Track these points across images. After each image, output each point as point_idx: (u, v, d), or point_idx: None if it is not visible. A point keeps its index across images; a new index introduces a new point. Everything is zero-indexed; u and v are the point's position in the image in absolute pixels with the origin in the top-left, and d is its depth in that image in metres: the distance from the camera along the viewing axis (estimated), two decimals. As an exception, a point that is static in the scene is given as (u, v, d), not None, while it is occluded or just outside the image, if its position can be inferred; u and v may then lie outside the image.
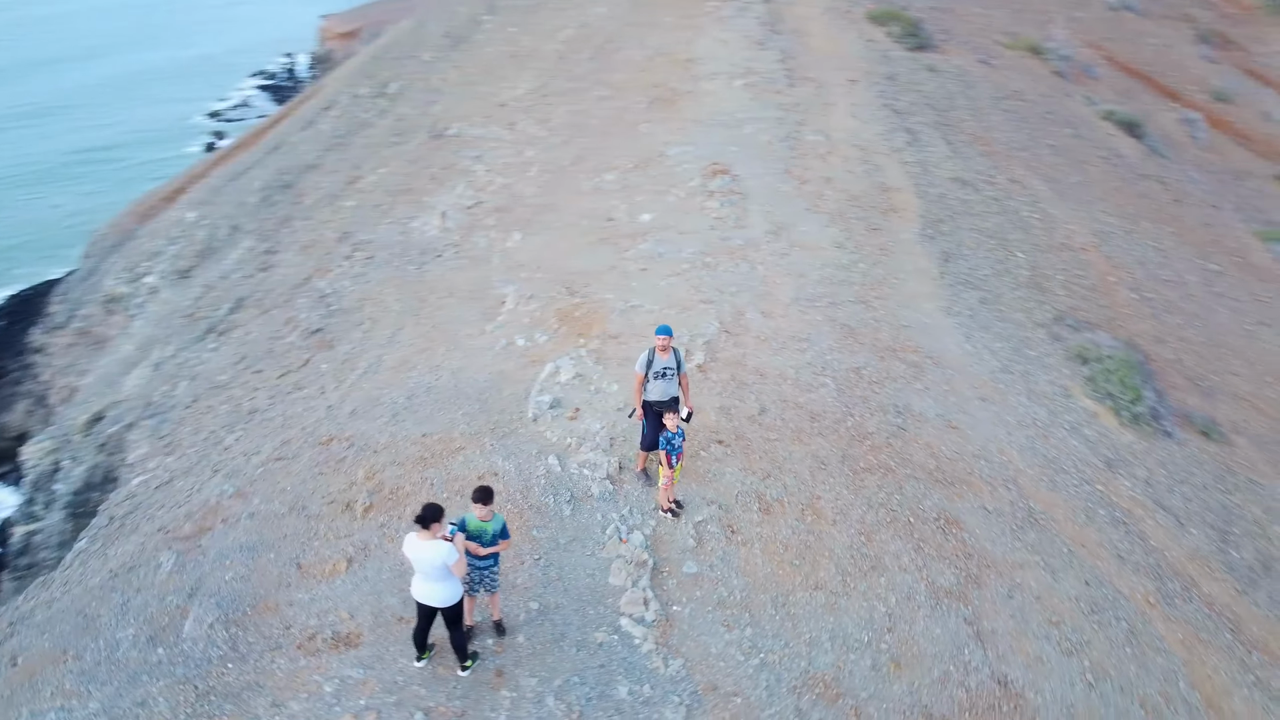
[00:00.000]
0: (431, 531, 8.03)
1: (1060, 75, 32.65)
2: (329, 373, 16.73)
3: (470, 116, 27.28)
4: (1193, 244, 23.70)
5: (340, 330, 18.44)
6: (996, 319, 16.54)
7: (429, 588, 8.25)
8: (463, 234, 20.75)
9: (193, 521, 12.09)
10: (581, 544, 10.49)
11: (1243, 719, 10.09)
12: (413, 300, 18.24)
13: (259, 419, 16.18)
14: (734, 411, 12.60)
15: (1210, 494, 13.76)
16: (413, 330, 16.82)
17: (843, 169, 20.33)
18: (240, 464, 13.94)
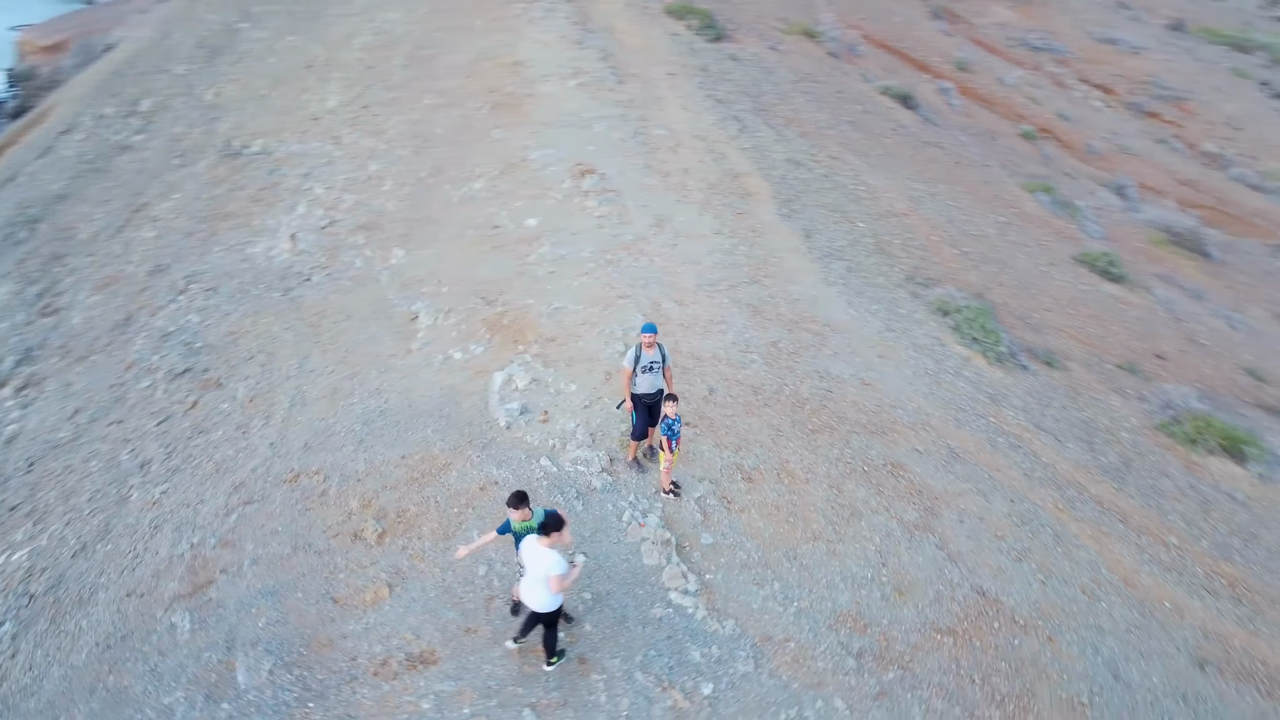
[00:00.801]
0: (551, 540, 8.64)
1: (834, 55, 35.69)
2: (236, 411, 16.34)
3: (276, 132, 26.62)
4: (980, 200, 26.97)
5: (222, 367, 17.92)
6: (865, 285, 18.51)
7: (531, 590, 8.86)
8: (328, 255, 20.53)
9: (180, 579, 11.83)
10: (605, 533, 11.29)
11: (1152, 590, 12.36)
12: (304, 328, 18.02)
13: (170, 469, 15.63)
14: (688, 395, 13.68)
15: (1069, 412, 16.28)
16: (323, 357, 16.71)
17: (694, 160, 21.75)
18: (189, 515, 13.59)
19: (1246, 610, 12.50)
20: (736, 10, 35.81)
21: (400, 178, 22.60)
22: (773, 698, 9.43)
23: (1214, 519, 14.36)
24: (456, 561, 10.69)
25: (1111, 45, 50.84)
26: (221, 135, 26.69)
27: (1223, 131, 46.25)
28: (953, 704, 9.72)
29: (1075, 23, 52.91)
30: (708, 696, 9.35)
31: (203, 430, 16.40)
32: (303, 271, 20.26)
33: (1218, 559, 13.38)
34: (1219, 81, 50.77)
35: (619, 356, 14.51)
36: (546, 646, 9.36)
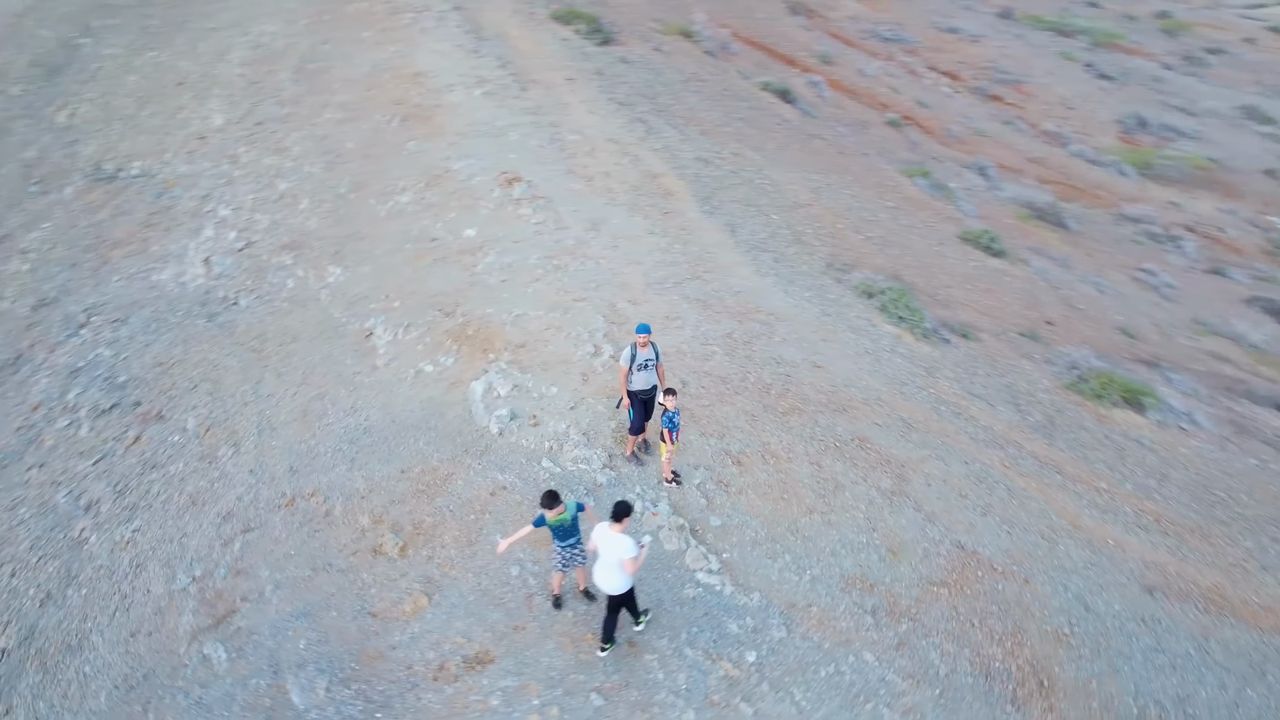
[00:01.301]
0: (622, 525, 9.24)
1: (711, 54, 36.95)
2: (192, 443, 16.14)
3: (156, 153, 25.89)
4: (869, 188, 28.68)
5: (159, 399, 17.58)
6: (793, 274, 19.66)
7: (607, 575, 9.45)
8: (252, 277, 20.30)
9: (194, 613, 11.82)
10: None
11: (1095, 530, 13.87)
12: (246, 353, 17.87)
13: (129, 506, 15.35)
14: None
15: (993, 379, 17.84)
16: (279, 381, 16.66)
17: (611, 163, 22.46)
18: (175, 550, 13.49)
19: (1173, 541, 14.17)
20: (614, 13, 36.60)
21: (317, 195, 22.41)
22: (810, 658, 10.32)
23: (1130, 464, 16.09)
24: (496, 557, 11.13)
25: (954, 34, 54.15)
26: (88, 159, 25.65)
27: (1059, 111, 50.02)
28: (961, 646, 10.83)
29: (919, 14, 56.06)
30: (753, 663, 10.15)
31: (156, 464, 16.08)
32: (227, 296, 19.95)
33: (1142, 498, 15.06)
34: (1050, 65, 54.82)
35: (590, 357, 15.13)
36: (606, 629, 9.96)
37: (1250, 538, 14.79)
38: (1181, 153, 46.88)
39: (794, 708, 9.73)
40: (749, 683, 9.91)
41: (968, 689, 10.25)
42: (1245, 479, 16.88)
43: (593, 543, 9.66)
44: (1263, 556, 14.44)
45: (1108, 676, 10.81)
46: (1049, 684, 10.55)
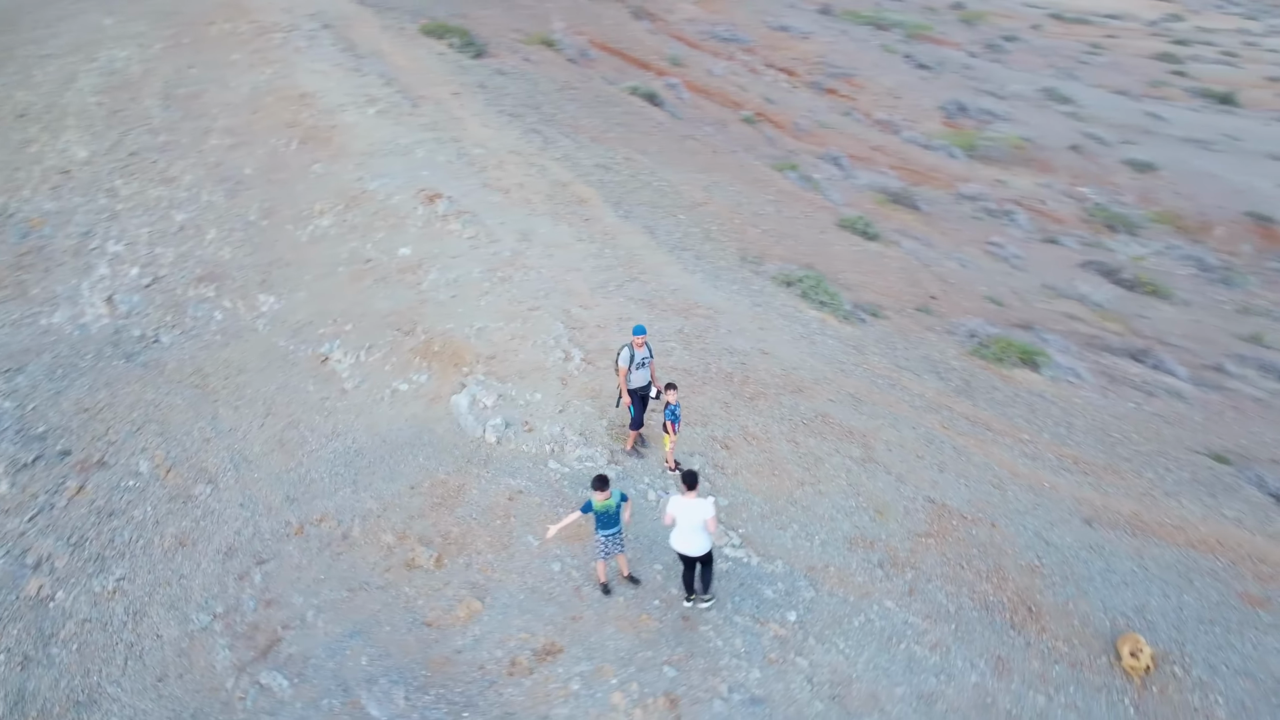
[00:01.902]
0: (696, 491, 10.11)
1: (574, 62, 37.88)
2: (154, 485, 15.89)
3: (11, 190, 24.79)
4: (749, 183, 30.33)
5: (95, 446, 17.14)
6: (716, 269, 20.90)
7: (689, 539, 10.31)
8: (171, 313, 19.93)
9: (231, 649, 11.89)
10: (642, 513, 12.79)
11: (1031, 476, 15.69)
12: (189, 390, 17.63)
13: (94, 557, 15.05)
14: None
15: (911, 351, 19.60)
16: (238, 414, 16.56)
17: (521, 174, 23.09)
18: (177, 592, 13.42)
19: (1092, 479, 16.19)
20: (477, 25, 36.95)
21: (225, 224, 22.03)
22: (841, 611, 11.49)
23: (1041, 416, 18.13)
24: (535, 557, 11.76)
25: (785, 32, 57.01)
26: (-70, 199, 24.19)
27: (888, 101, 53.57)
28: (959, 586, 12.27)
29: (751, 14, 58.69)
30: (795, 621, 11.23)
31: (115, 512, 15.72)
32: (144, 334, 19.51)
33: (1059, 445, 17.06)
34: (875, 58, 58.52)
35: (563, 362, 15.86)
36: (706, 583, 10.83)
37: (1149, 470, 17.02)
38: (1000, 134, 51.10)
39: (841, 656, 10.88)
40: (797, 639, 10.99)
41: (975, 621, 11.67)
42: (1130, 420, 19.27)
43: (669, 515, 10.49)
44: (1163, 485, 16.67)
45: (1079, 598, 12.48)
46: (1035, 609, 12.11)
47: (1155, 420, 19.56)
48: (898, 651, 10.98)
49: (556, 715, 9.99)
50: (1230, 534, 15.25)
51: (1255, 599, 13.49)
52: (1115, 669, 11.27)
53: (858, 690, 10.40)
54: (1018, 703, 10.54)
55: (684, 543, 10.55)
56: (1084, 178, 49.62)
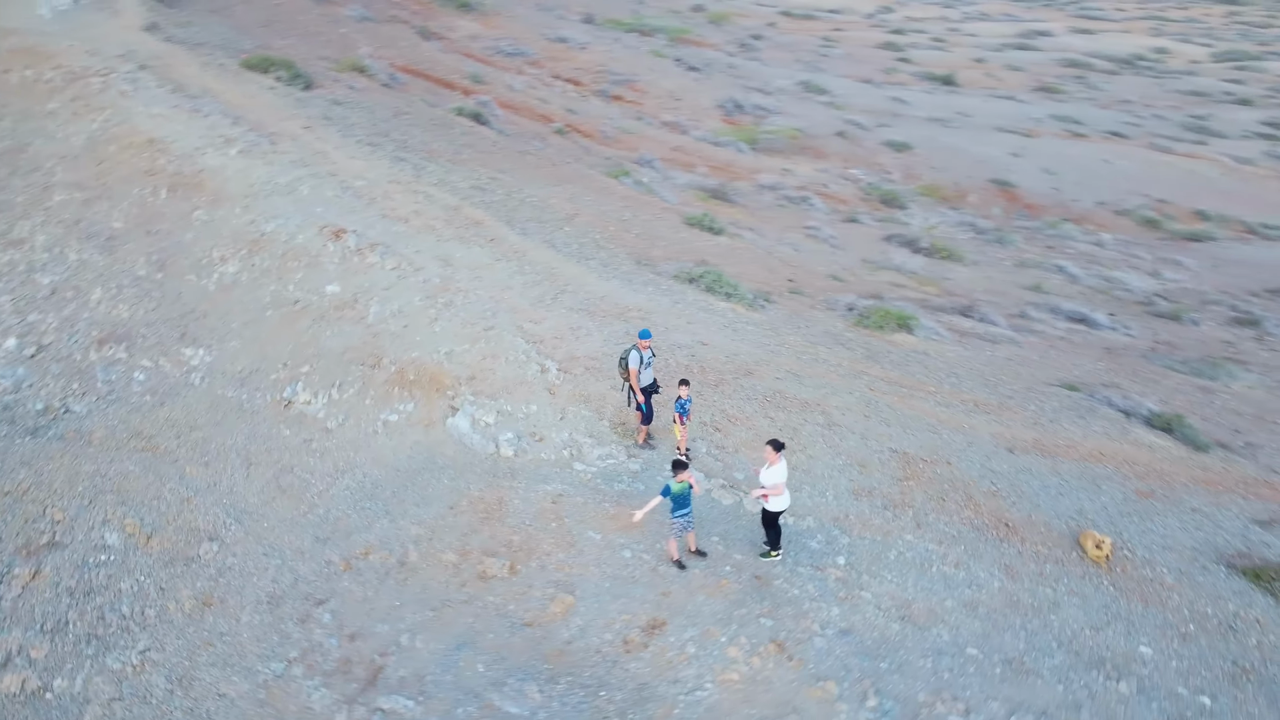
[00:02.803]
0: (780, 455, 11.63)
1: (389, 87, 38.01)
2: (134, 554, 15.57)
3: None
4: (597, 192, 31.95)
5: (32, 529, 16.49)
6: (624, 273, 22.40)
7: (786, 495, 11.87)
8: (77, 380, 19.14)
9: (330, 687, 12.20)
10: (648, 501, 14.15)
11: (952, 419, 18.32)
12: (136, 455, 17.15)
13: (88, 636, 14.71)
14: (617, 386, 16.66)
15: (812, 328, 21.93)
16: (210, 470, 16.38)
17: (411, 203, 23.58)
18: (228, 649, 13.47)
19: (993, 416, 19.07)
20: (283, 55, 36.27)
21: (109, 282, 21.12)
22: (876, 550, 13.41)
23: (932, 370, 20.95)
24: (606, 548, 12.89)
25: (564, 43, 58.89)
26: None
27: (670, 104, 56.68)
28: (950, 516, 14.51)
29: (527, 27, 60.12)
30: (846, 564, 13.04)
31: (96, 589, 15.27)
32: (47, 406, 18.67)
33: (958, 392, 19.89)
34: (648, 63, 61.56)
35: (540, 374, 16.89)
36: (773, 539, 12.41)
37: (1030, 403, 20.18)
38: (776, 127, 55.40)
39: (893, 584, 12.77)
40: (853, 578, 12.78)
41: (975, 540, 13.93)
42: (993, 365, 22.53)
43: (774, 478, 11.99)
44: (1042, 414, 19.83)
45: (1035, 510, 15.06)
46: (1011, 525, 14.55)
47: (1009, 363, 22.95)
48: (933, 573, 13.02)
49: (685, 676, 11.25)
50: (1106, 446, 18.52)
51: (1144, 492, 16.66)
52: (1085, 560, 13.85)
53: (918, 609, 12.33)
54: (1034, 596, 12.84)
55: (779, 501, 12.07)
56: (853, 161, 54.73)
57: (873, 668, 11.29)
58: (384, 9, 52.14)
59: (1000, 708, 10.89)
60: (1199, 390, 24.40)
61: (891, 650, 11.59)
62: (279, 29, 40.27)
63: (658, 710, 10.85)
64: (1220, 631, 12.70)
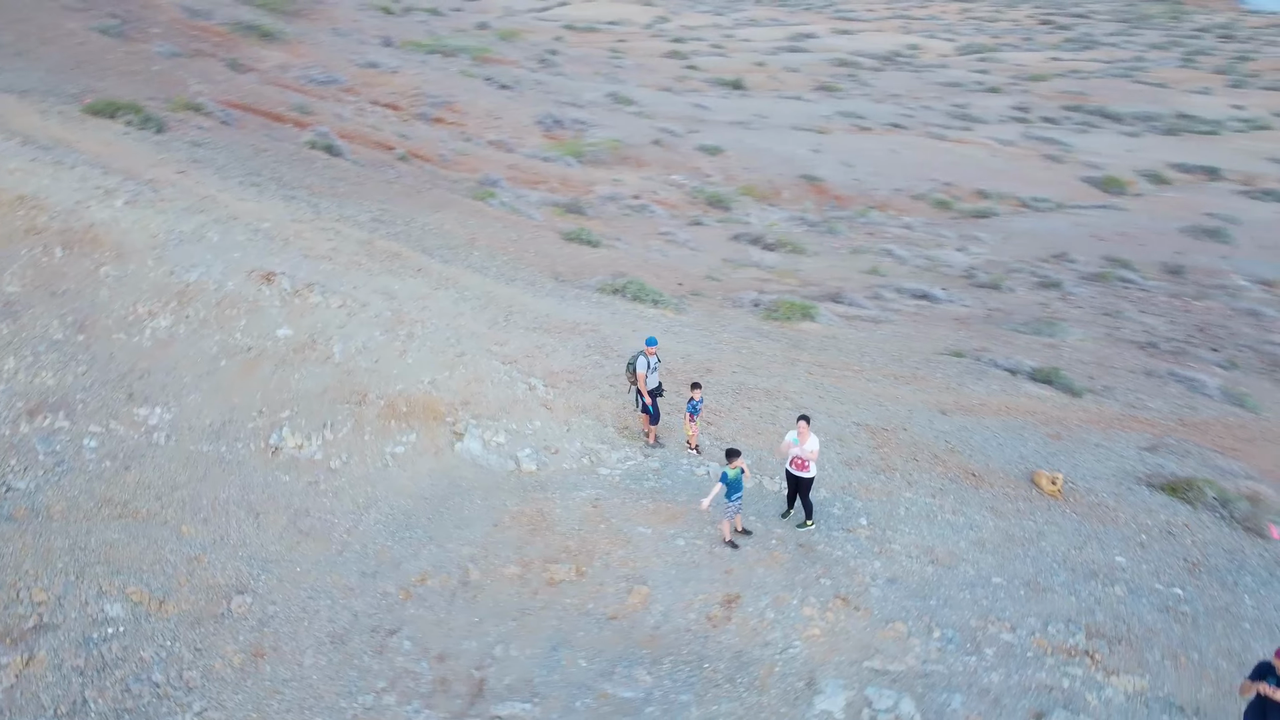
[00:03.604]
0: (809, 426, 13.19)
1: (227, 124, 36.97)
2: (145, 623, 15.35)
3: None
4: (474, 215, 32.54)
5: (10, 616, 16.01)
6: (553, 290, 23.41)
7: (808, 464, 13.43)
8: (14, 457, 18.33)
9: (433, 709, 12.75)
10: (698, 485, 15.50)
11: (881, 393, 20.56)
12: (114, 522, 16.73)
13: (130, 710, 14.56)
14: (605, 395, 17.82)
15: (734, 324, 23.73)
16: (212, 528, 16.20)
17: (325, 241, 23.60)
18: (301, 694, 13.69)
19: (912, 386, 21.47)
20: (113, 96, 34.58)
21: (21, 350, 20.01)
22: (887, 509, 15.25)
23: (846, 352, 23.22)
24: (662, 538, 14.05)
25: (374, 68, 58.33)
26: None
27: (491, 123, 57.39)
28: (928, 473, 16.59)
29: (332, 53, 59.06)
30: (868, 524, 14.79)
31: (109, 664, 14.94)
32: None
33: (878, 369, 22.21)
34: (460, 83, 61.93)
35: (529, 392, 17.75)
36: (808, 509, 13.89)
37: (935, 372, 22.79)
38: (597, 139, 57.21)
39: (913, 535, 14.63)
40: (879, 535, 14.54)
41: (958, 490, 16.06)
42: (890, 343, 25.12)
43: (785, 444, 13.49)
44: (949, 379, 22.47)
45: (988, 459, 17.41)
46: (976, 474, 16.82)
47: (899, 339, 25.64)
48: (939, 522, 15.00)
49: (773, 639, 12.62)
50: (1009, 401, 21.34)
51: (1054, 435, 19.47)
52: (1044, 495, 16.28)
53: (940, 552, 14.25)
54: (1022, 530, 15.07)
55: (814, 468, 13.66)
56: (672, 167, 57.34)
57: (925, 606, 13.06)
58: (186, 43, 49.99)
59: (1036, 621, 12.93)
60: (1046, 347, 28.02)
61: (933, 589, 13.41)
62: (93, 70, 38.13)
63: (760, 671, 12.16)
64: (1164, 537, 15.36)
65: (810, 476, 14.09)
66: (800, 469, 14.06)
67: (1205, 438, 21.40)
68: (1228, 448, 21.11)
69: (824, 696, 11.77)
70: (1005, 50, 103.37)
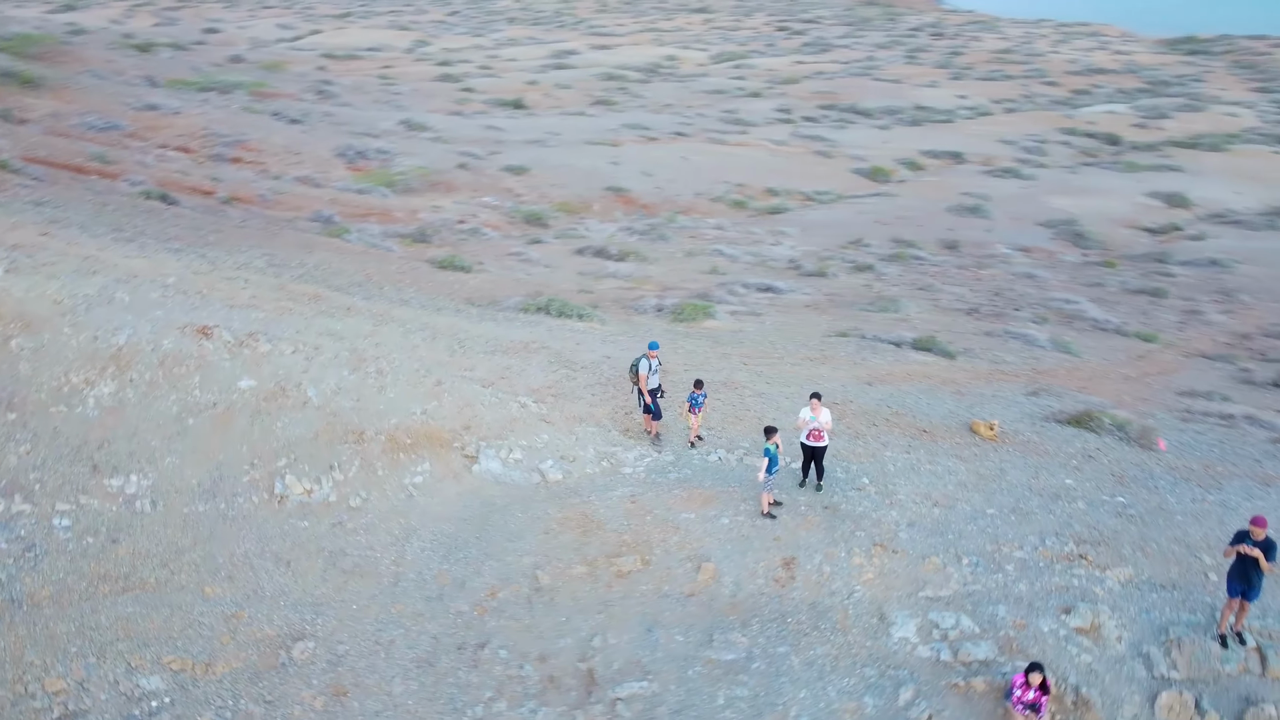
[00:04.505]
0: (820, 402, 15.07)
1: (41, 180, 34.63)
2: (188, 690, 15.30)
3: None
4: (341, 252, 32.40)
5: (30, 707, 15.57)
6: (481, 314, 24.20)
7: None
8: None
9: (551, 704, 13.60)
10: (713, 471, 17.09)
11: (824, 375, 22.95)
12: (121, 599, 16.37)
13: None
14: (593, 404, 19.07)
15: (655, 332, 25.40)
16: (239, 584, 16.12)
17: (244, 292, 23.13)
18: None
19: (831, 365, 23.98)
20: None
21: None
22: (879, 467, 17.40)
23: (758, 343, 25.46)
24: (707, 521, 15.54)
25: (154, 110, 55.36)
26: None
27: (292, 159, 55.98)
28: (891, 434, 18.96)
29: (105, 98, 55.54)
30: (870, 482, 16.89)
31: None
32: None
33: (791, 353, 24.57)
34: (247, 120, 59.84)
35: (523, 409, 18.71)
36: (820, 473, 15.76)
37: (838, 351, 25.41)
38: (405, 167, 57.09)
39: (909, 486, 16.81)
40: (884, 489, 16.64)
41: (921, 445, 18.49)
42: (783, 331, 27.62)
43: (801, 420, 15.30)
44: (854, 356, 25.16)
45: (929, 418, 20.01)
46: (927, 429, 19.36)
47: (786, 327, 28.21)
48: (924, 472, 17.35)
49: (837, 588, 14.42)
50: (908, 368, 24.31)
51: (958, 392, 22.53)
52: (986, 440, 19.06)
53: (938, 496, 16.57)
54: (988, 469, 17.70)
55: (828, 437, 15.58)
56: (483, 189, 58.19)
57: (946, 540, 15.31)
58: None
59: (1034, 538, 15.47)
60: (898, 321, 31.54)
61: (946, 527, 15.69)
62: None
63: (837, 616, 13.95)
64: (1088, 460, 18.48)
65: (825, 445, 15.99)
66: (817, 440, 15.94)
67: (1060, 380, 25.25)
68: (1080, 386, 25.04)
69: (897, 626, 13.70)
70: (755, 56, 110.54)
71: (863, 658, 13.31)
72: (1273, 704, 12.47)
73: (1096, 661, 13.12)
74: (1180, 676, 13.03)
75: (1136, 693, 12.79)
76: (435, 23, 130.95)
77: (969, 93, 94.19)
